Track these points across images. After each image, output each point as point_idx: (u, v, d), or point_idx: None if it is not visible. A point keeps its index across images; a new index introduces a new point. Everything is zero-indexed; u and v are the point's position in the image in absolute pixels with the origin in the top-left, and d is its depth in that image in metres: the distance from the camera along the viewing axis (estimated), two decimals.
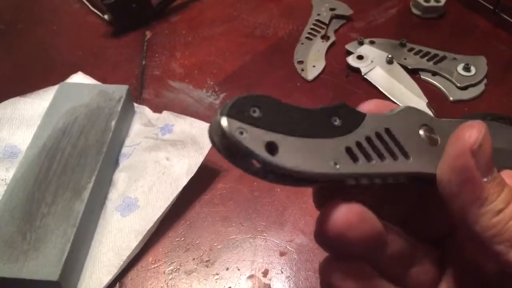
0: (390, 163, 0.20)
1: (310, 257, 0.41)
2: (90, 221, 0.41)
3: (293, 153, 0.18)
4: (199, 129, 0.46)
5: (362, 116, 0.20)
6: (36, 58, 0.60)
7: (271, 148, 0.17)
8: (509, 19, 0.61)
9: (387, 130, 0.21)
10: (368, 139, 0.20)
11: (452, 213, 0.20)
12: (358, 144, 0.20)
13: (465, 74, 0.55)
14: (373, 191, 0.22)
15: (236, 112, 0.17)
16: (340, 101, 0.20)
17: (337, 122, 0.20)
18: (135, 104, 0.51)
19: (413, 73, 0.56)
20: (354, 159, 0.19)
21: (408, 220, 0.24)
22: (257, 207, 0.44)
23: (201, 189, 0.46)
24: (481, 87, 0.54)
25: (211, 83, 0.56)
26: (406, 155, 0.20)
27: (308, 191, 0.22)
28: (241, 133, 0.17)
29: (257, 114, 0.18)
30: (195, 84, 0.56)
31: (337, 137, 0.19)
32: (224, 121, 0.17)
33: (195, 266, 0.41)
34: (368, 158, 0.19)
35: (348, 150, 0.19)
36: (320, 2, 0.65)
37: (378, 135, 0.20)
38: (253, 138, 0.17)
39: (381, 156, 0.20)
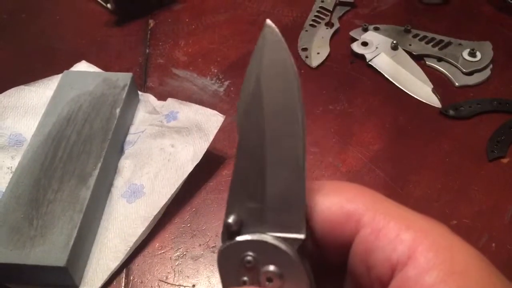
0: None
1: None
2: (96, 208, 0.41)
3: None
4: (204, 116, 0.46)
5: None
6: (39, 47, 0.60)
7: None
8: None
9: None
10: None
11: None
12: None
13: (470, 60, 0.54)
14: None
15: None
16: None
17: None
18: (139, 92, 0.51)
19: (418, 59, 0.56)
20: None
21: None
22: None
23: (206, 176, 0.46)
24: (487, 73, 0.54)
25: (215, 70, 0.56)
26: None
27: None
28: None
29: None
30: (199, 72, 0.56)
31: None
32: None
33: (202, 252, 0.41)
34: None
35: None
36: None
37: None
38: None
39: None
